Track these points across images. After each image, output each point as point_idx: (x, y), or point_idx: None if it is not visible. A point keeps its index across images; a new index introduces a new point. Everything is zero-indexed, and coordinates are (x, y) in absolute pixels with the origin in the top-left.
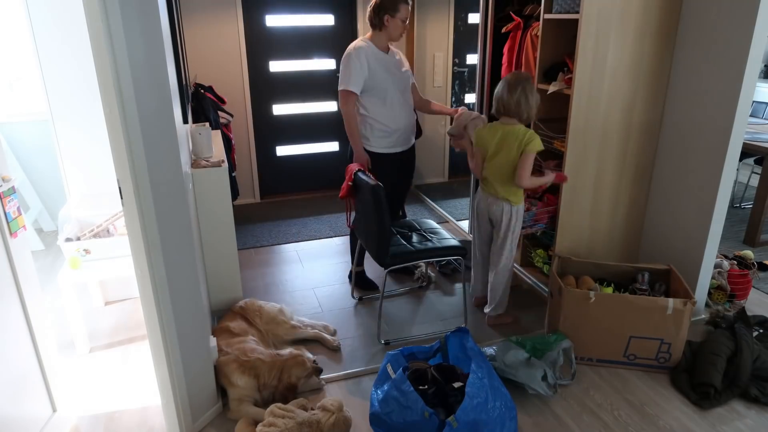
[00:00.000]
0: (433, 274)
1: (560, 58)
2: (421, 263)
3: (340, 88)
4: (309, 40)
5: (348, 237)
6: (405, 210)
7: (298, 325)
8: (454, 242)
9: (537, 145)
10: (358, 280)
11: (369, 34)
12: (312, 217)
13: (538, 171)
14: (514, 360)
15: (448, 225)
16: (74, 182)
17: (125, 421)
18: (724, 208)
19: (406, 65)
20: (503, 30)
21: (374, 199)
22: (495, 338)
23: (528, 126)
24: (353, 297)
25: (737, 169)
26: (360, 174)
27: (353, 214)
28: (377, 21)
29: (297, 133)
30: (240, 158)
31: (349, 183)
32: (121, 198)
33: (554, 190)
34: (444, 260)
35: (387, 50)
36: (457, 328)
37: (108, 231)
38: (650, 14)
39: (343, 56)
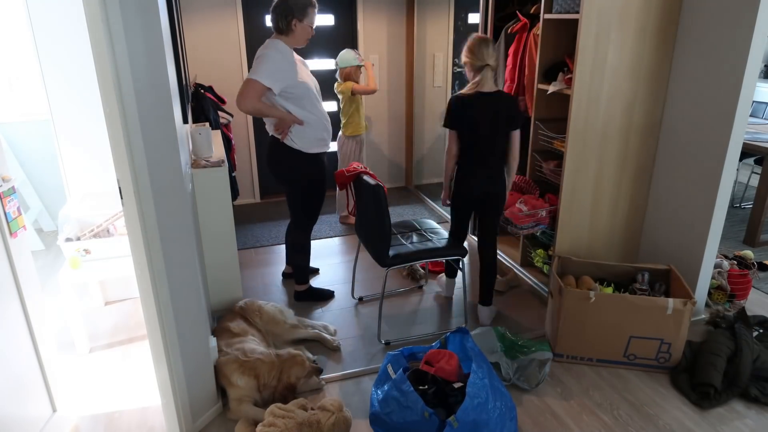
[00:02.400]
0: (422, 270)
1: (560, 58)
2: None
3: (252, 77)
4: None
5: (347, 235)
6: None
7: (298, 325)
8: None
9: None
10: (307, 296)
11: (274, 36)
12: None
13: (538, 171)
14: (484, 347)
15: (448, 225)
16: (74, 182)
17: (125, 421)
18: (724, 208)
19: None
20: (510, 31)
21: (375, 199)
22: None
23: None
24: (353, 297)
25: (737, 169)
26: (363, 176)
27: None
28: (284, 25)
29: None
30: (240, 158)
31: (351, 180)
32: (121, 198)
33: (555, 189)
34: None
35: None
36: (457, 328)
37: (108, 231)
38: (650, 14)
39: (260, 51)
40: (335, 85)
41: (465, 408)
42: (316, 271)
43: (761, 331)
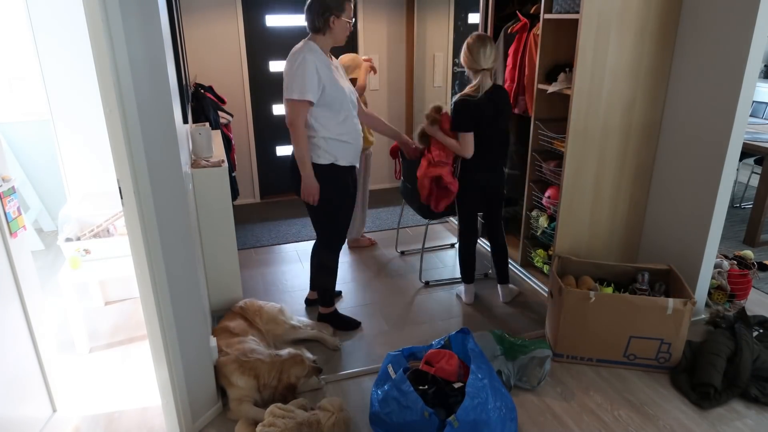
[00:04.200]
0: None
1: (561, 57)
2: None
3: (291, 96)
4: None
5: None
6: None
7: (298, 325)
8: None
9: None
10: (331, 320)
11: (310, 37)
12: None
13: (538, 170)
14: (484, 352)
15: (448, 225)
16: (74, 182)
17: (125, 421)
18: (724, 208)
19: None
20: (510, 31)
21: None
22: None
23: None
24: (396, 251)
25: (737, 169)
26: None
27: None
28: (320, 23)
29: None
30: (240, 158)
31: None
32: (121, 198)
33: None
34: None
35: (330, 57)
36: (459, 329)
37: (108, 231)
38: (650, 14)
39: (292, 59)
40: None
41: (465, 408)
42: (338, 295)
43: (761, 331)
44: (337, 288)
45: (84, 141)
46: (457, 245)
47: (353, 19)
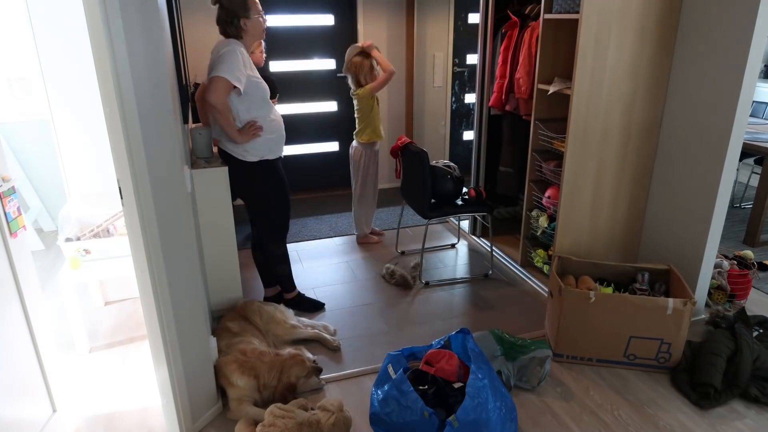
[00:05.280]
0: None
1: (561, 57)
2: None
3: (221, 75)
4: (309, 40)
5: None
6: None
7: (298, 325)
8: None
9: None
10: (296, 304)
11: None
12: (312, 217)
13: (538, 171)
14: (484, 352)
15: (448, 224)
16: (74, 182)
17: (125, 421)
18: (724, 208)
19: None
20: (502, 29)
21: (420, 163)
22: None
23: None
24: (396, 251)
25: (737, 169)
26: (409, 146)
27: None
28: (234, 30)
29: (297, 133)
30: None
31: (400, 146)
32: (121, 198)
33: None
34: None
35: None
36: (459, 329)
37: (108, 231)
38: (650, 14)
39: (227, 47)
40: (351, 92)
41: (465, 407)
42: (322, 308)
43: (761, 331)
44: (339, 287)
45: (84, 141)
46: (456, 244)
47: (262, 12)
